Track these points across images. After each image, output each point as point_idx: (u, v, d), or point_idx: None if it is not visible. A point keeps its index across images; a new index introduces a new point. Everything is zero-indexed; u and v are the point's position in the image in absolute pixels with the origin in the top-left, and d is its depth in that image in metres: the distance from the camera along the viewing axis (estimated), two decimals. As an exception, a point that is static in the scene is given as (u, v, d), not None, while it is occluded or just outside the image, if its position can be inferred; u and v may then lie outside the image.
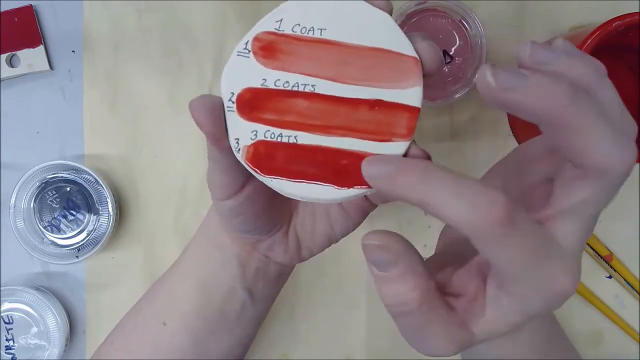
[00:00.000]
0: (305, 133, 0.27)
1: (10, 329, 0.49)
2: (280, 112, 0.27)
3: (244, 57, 0.27)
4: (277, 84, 0.27)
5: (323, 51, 0.27)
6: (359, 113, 0.27)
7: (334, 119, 0.27)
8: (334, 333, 0.52)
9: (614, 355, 0.52)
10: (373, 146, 0.27)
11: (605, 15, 0.41)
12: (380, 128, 0.27)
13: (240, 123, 0.27)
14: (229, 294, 0.37)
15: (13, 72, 0.51)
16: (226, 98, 0.27)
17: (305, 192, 0.28)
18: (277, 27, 0.27)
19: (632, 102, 0.49)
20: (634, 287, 0.51)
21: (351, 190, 0.27)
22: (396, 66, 0.27)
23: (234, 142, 0.27)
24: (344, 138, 0.27)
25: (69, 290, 0.52)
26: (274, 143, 0.27)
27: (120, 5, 0.52)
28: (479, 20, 0.47)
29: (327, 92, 0.27)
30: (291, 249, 0.37)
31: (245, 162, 0.27)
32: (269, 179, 0.28)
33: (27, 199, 0.50)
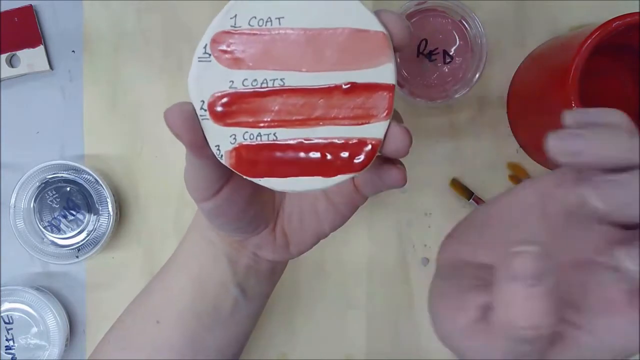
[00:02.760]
0: (283, 129, 0.27)
1: (10, 329, 0.49)
2: (254, 112, 0.27)
3: (205, 62, 0.27)
4: (245, 83, 0.27)
5: (285, 41, 0.26)
6: (333, 100, 0.26)
7: (309, 110, 0.27)
8: (333, 333, 0.52)
9: (614, 355, 0.52)
10: (353, 130, 0.27)
11: (605, 15, 0.41)
12: (357, 111, 0.26)
13: (217, 129, 0.27)
14: (221, 289, 0.37)
15: (13, 72, 0.51)
16: (198, 107, 0.27)
17: (294, 186, 0.27)
18: (232, 25, 0.26)
19: (632, 102, 0.49)
20: (634, 287, 0.51)
21: (339, 177, 0.27)
22: (364, 44, 0.26)
23: (215, 149, 0.27)
24: (323, 127, 0.27)
25: (69, 290, 0.52)
26: (254, 145, 0.27)
27: (120, 5, 0.52)
28: (479, 20, 0.47)
29: (298, 84, 0.26)
30: (279, 247, 0.36)
31: (231, 168, 0.27)
32: (256, 180, 0.27)
33: (27, 199, 0.50)
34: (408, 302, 0.52)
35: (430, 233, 0.52)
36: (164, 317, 0.38)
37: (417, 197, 0.52)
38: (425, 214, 0.52)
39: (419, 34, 0.49)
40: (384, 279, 0.52)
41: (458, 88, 0.48)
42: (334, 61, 0.26)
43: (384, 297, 0.52)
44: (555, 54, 0.47)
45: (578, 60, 0.40)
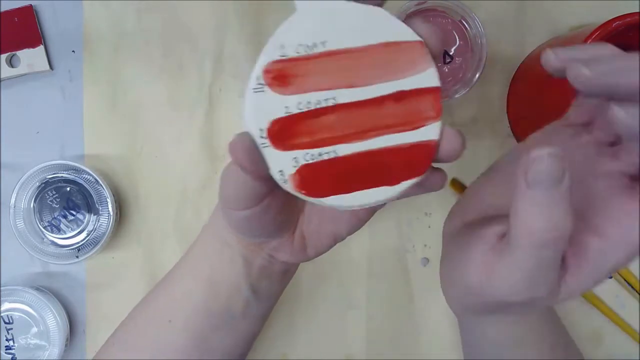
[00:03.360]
0: (342, 145, 0.28)
1: (10, 329, 0.49)
2: (312, 132, 0.28)
3: (260, 92, 0.28)
4: (299, 107, 0.28)
5: (332, 62, 0.28)
6: (385, 109, 0.28)
7: (364, 122, 0.28)
8: (334, 333, 0.52)
9: (614, 355, 0.52)
10: (409, 136, 0.28)
11: (605, 15, 0.41)
12: (409, 117, 0.28)
13: (278, 155, 0.28)
14: (234, 291, 0.38)
15: (13, 72, 0.51)
16: (257, 135, 0.28)
17: (361, 200, 0.28)
18: (281, 54, 0.28)
19: (632, 102, 0.49)
20: (634, 287, 0.51)
21: (403, 183, 0.28)
22: (405, 55, 0.28)
23: (278, 174, 0.28)
24: (380, 137, 0.28)
25: (69, 290, 0.52)
26: (316, 163, 0.28)
27: (120, 5, 0.52)
28: (479, 20, 0.47)
29: (349, 99, 0.28)
30: (296, 249, 0.37)
31: (295, 191, 0.28)
32: (323, 200, 0.28)
33: (27, 199, 0.50)
34: (408, 302, 0.52)
35: (430, 233, 0.52)
36: (174, 317, 0.38)
37: (417, 197, 0.52)
38: (425, 214, 0.52)
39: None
40: (384, 279, 0.52)
41: (458, 88, 0.48)
42: (380, 73, 0.28)
43: (384, 297, 0.52)
44: (555, 54, 0.47)
45: (578, 60, 0.40)
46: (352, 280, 0.52)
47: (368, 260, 0.52)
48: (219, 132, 0.52)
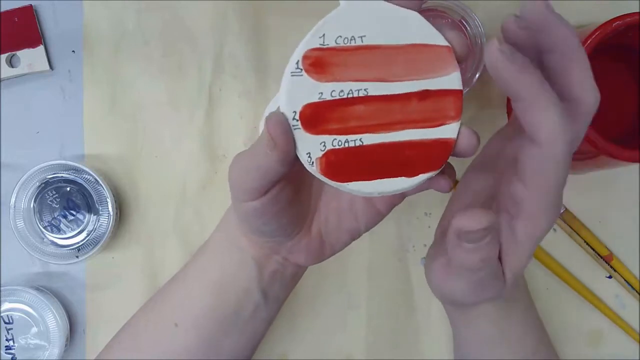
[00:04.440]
0: (368, 134, 0.29)
1: (10, 329, 0.49)
2: (341, 120, 0.29)
3: (297, 76, 0.29)
4: (332, 94, 0.29)
5: (367, 56, 0.29)
6: (411, 105, 0.29)
7: (390, 115, 0.29)
8: (334, 333, 0.52)
9: (614, 355, 0.52)
10: (430, 132, 0.30)
11: (605, 15, 0.41)
12: (432, 115, 0.30)
13: (308, 138, 0.29)
14: (244, 295, 0.37)
15: (13, 72, 0.51)
16: (290, 117, 0.29)
17: (380, 188, 0.30)
18: (321, 43, 0.29)
19: (632, 102, 0.49)
20: (634, 287, 0.51)
21: (421, 176, 0.30)
22: (434, 57, 0.29)
23: (306, 156, 0.29)
24: (403, 131, 0.29)
25: (69, 290, 0.52)
26: (342, 149, 0.29)
27: (120, 5, 0.52)
28: (479, 20, 0.47)
29: (379, 92, 0.29)
30: (314, 249, 0.36)
31: (320, 174, 0.29)
32: (344, 185, 0.29)
33: (27, 199, 0.50)
34: (408, 302, 0.52)
35: (430, 233, 0.52)
36: (182, 320, 0.38)
37: (417, 197, 0.52)
38: (425, 214, 0.52)
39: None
40: (384, 279, 0.52)
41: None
42: (410, 72, 0.29)
43: (384, 297, 0.52)
44: (555, 54, 0.47)
45: (578, 60, 0.40)
46: (352, 280, 0.52)
47: (368, 260, 0.52)
48: (219, 132, 0.52)
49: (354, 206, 0.36)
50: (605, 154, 0.41)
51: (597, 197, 0.52)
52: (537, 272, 0.52)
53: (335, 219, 0.36)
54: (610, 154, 0.41)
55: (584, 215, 0.52)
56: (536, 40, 0.31)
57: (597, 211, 0.52)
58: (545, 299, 0.52)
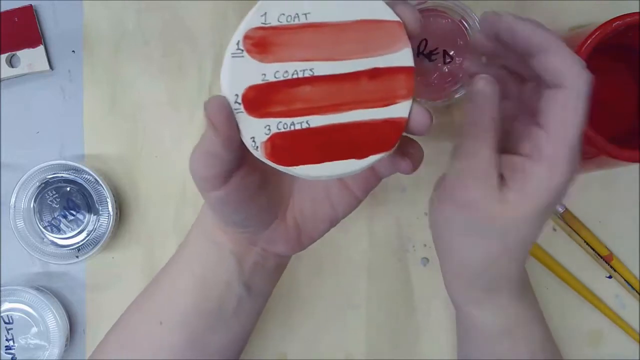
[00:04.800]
0: (315, 116, 0.28)
1: (10, 329, 0.49)
2: (287, 102, 0.28)
3: (238, 57, 0.28)
4: (277, 75, 0.28)
5: (312, 34, 0.28)
6: (360, 85, 0.28)
7: (338, 96, 0.28)
8: (333, 333, 0.52)
9: (614, 355, 0.52)
10: (380, 112, 0.28)
11: (605, 15, 0.41)
12: (382, 94, 0.28)
13: (252, 122, 0.28)
14: (226, 289, 0.37)
15: (13, 72, 0.51)
16: (232, 100, 0.28)
17: (329, 171, 0.29)
18: (263, 22, 0.28)
19: (632, 102, 0.49)
20: (634, 287, 0.51)
21: (371, 157, 0.29)
22: (383, 33, 0.28)
23: (250, 141, 0.28)
24: (352, 111, 0.28)
25: (69, 290, 0.52)
26: (288, 133, 0.28)
27: (120, 5, 0.52)
28: (479, 21, 0.47)
29: (326, 72, 0.28)
30: (291, 239, 0.36)
31: (265, 158, 0.28)
32: (292, 169, 0.28)
33: (27, 199, 0.50)
34: (408, 302, 0.52)
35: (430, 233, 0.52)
36: (166, 318, 0.38)
37: (417, 197, 0.52)
38: (425, 214, 0.52)
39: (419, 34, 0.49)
40: (384, 279, 0.52)
41: (458, 88, 0.48)
42: (358, 50, 0.28)
43: (384, 297, 0.52)
44: (555, 54, 0.47)
45: (578, 60, 0.40)
46: (352, 280, 0.52)
47: (368, 260, 0.52)
48: (219, 132, 0.52)
49: (330, 192, 0.35)
50: (605, 154, 0.41)
51: (597, 197, 0.52)
52: (537, 272, 0.52)
53: (311, 206, 0.36)
54: (610, 154, 0.41)
55: (584, 215, 0.52)
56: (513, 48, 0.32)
57: (597, 211, 0.52)
58: (545, 299, 0.51)
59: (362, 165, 0.29)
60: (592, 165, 0.47)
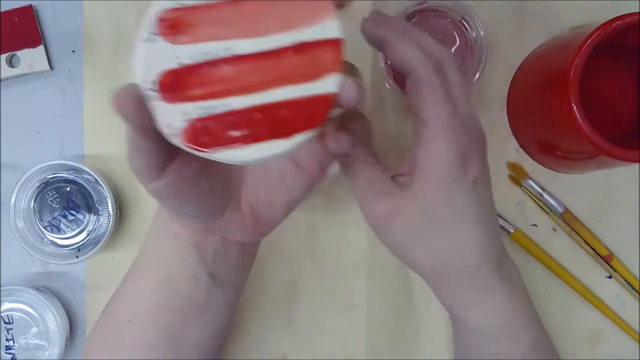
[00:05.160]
0: (236, 97, 0.27)
1: (10, 329, 0.49)
2: (204, 84, 0.26)
3: (151, 41, 0.26)
4: (193, 58, 0.26)
5: (230, 11, 0.26)
6: (284, 61, 0.27)
7: (261, 74, 0.27)
8: (333, 333, 0.52)
9: (614, 355, 0.52)
10: (307, 88, 0.27)
11: (605, 15, 0.41)
12: (308, 69, 0.27)
13: (168, 108, 0.26)
14: (192, 282, 0.36)
15: (13, 72, 0.51)
16: (146, 87, 0.26)
17: (255, 154, 0.27)
18: (175, 2, 0.26)
19: (632, 102, 0.49)
20: (634, 287, 0.51)
21: (298, 136, 0.27)
22: (308, 5, 0.27)
23: (167, 128, 0.27)
24: (277, 89, 0.27)
25: (69, 290, 0.52)
26: (208, 117, 0.27)
27: (120, 5, 0.52)
28: (479, 20, 0.47)
29: (246, 50, 0.26)
30: (249, 225, 0.35)
31: (185, 145, 0.27)
32: (215, 154, 0.27)
33: (27, 199, 0.50)
34: (408, 302, 0.52)
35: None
36: (134, 315, 0.37)
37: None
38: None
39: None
40: (384, 279, 0.52)
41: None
42: (280, 24, 0.26)
43: (384, 297, 0.52)
44: (555, 54, 0.47)
45: (578, 60, 0.40)
46: (352, 280, 0.52)
47: (368, 260, 0.52)
48: (219, 132, 0.52)
49: (284, 175, 0.34)
50: (605, 154, 0.41)
51: (597, 197, 0.52)
52: (537, 272, 0.52)
53: (265, 191, 0.35)
54: (610, 154, 0.41)
55: (584, 215, 0.52)
56: None
57: (597, 211, 0.52)
58: (545, 299, 0.52)
59: (290, 145, 0.27)
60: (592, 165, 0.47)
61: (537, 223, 0.52)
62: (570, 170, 0.52)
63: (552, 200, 0.51)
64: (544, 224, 0.52)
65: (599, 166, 0.47)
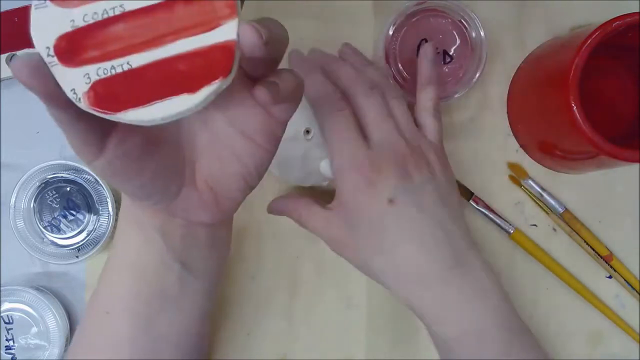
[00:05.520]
0: (135, 55, 0.26)
1: (10, 329, 0.49)
2: (101, 45, 0.26)
3: (42, 8, 0.26)
4: (85, 19, 0.26)
5: None
6: (177, 12, 0.26)
7: (155, 29, 0.26)
8: (333, 333, 0.52)
9: (614, 355, 0.52)
10: (205, 38, 0.26)
11: (605, 15, 0.41)
12: (203, 18, 0.26)
13: (69, 72, 0.26)
14: (163, 270, 0.36)
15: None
16: (44, 54, 0.26)
17: (162, 112, 0.26)
18: None
19: (632, 102, 0.49)
20: (634, 287, 0.51)
21: (206, 88, 0.26)
22: None
23: (71, 94, 0.26)
24: (174, 43, 0.26)
25: (69, 290, 0.52)
26: (109, 78, 0.26)
27: (120, 5, 0.52)
28: (479, 20, 0.47)
29: (137, 6, 0.26)
30: (208, 203, 0.34)
31: (91, 108, 0.26)
32: (122, 115, 0.26)
33: (27, 199, 0.50)
34: (408, 302, 0.52)
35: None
36: (111, 307, 0.37)
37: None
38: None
39: (419, 34, 0.49)
40: (384, 279, 0.52)
41: (458, 88, 0.49)
42: None
43: (384, 296, 0.52)
44: (555, 54, 0.47)
45: (578, 60, 0.40)
46: (352, 280, 0.52)
47: (368, 260, 0.52)
48: (219, 132, 0.52)
49: (234, 148, 0.33)
50: (605, 154, 0.41)
51: (597, 197, 0.52)
52: (537, 272, 0.52)
53: (218, 165, 0.34)
54: (610, 154, 0.41)
55: (584, 215, 0.52)
56: None
57: (597, 211, 0.52)
58: (546, 299, 0.52)
59: (197, 100, 0.26)
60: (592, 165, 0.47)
61: (537, 223, 0.52)
62: (570, 170, 0.52)
63: (552, 200, 0.51)
64: (544, 224, 0.52)
65: (599, 166, 0.47)
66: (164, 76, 0.26)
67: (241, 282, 0.51)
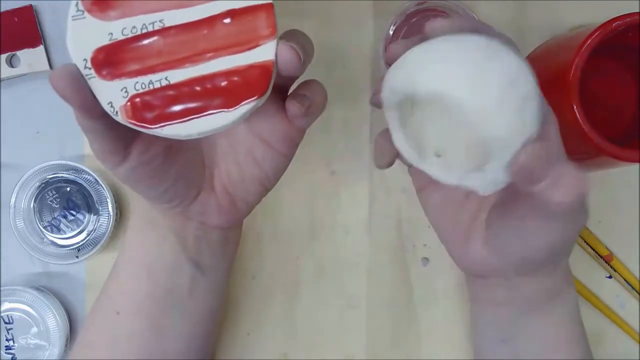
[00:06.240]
0: (174, 70, 0.26)
1: (10, 329, 0.49)
2: (140, 59, 0.26)
3: (80, 19, 0.26)
4: (124, 32, 0.26)
5: None
6: (217, 30, 0.26)
7: (195, 45, 0.26)
8: (333, 333, 0.52)
9: (614, 355, 0.52)
10: (244, 57, 0.26)
11: (605, 15, 0.41)
12: (243, 37, 0.26)
13: (106, 85, 0.26)
14: (175, 270, 0.36)
15: (13, 72, 0.51)
16: (82, 66, 0.26)
17: (199, 127, 0.26)
18: None
19: (632, 102, 0.49)
20: (634, 287, 0.51)
21: (242, 106, 0.26)
22: None
23: (108, 107, 0.26)
24: (213, 60, 0.26)
25: (69, 290, 0.52)
26: (147, 92, 0.26)
27: (120, 5, 0.52)
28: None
29: (177, 21, 0.26)
30: (225, 207, 0.35)
31: (128, 122, 0.26)
32: (159, 130, 0.26)
33: (27, 199, 0.50)
34: (408, 302, 0.52)
35: (430, 233, 0.52)
36: (122, 307, 0.37)
37: (417, 197, 0.52)
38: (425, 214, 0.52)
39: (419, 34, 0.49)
40: (384, 279, 0.52)
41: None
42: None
43: (384, 297, 0.52)
44: (555, 54, 0.47)
45: (578, 60, 0.40)
46: (351, 280, 0.52)
47: (368, 260, 0.52)
48: (219, 132, 0.52)
49: (254, 154, 0.34)
50: (605, 154, 0.41)
51: (597, 197, 0.52)
52: (537, 272, 0.52)
53: (237, 171, 0.34)
54: (610, 154, 0.41)
55: (584, 215, 0.52)
56: None
57: (597, 211, 0.52)
58: (545, 299, 0.51)
59: (233, 117, 0.26)
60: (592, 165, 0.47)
61: (537, 223, 0.52)
62: (570, 170, 0.51)
63: (552, 200, 0.51)
64: (544, 224, 0.52)
65: (599, 166, 0.47)
66: (202, 92, 0.26)
67: (241, 282, 0.51)
